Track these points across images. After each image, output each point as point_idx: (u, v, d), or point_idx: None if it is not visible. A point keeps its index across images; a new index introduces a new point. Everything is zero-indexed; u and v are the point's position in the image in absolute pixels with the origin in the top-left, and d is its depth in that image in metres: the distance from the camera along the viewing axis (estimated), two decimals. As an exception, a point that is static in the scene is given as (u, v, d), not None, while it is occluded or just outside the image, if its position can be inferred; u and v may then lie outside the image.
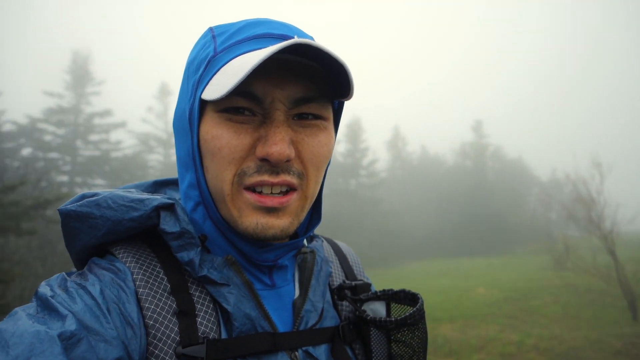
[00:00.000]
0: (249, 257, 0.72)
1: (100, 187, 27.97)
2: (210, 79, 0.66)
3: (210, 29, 0.73)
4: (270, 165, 0.65)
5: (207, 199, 0.70)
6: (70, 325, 0.53)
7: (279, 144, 0.63)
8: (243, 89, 0.63)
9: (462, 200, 39.89)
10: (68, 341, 0.52)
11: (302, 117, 0.69)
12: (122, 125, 28.95)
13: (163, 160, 32.53)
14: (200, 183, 0.70)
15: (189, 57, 0.74)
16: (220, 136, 0.65)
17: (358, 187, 34.34)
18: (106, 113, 28.12)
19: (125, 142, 29.91)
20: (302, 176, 0.69)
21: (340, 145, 35.32)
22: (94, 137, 28.07)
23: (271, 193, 0.66)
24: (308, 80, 0.67)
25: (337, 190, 32.89)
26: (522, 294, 12.14)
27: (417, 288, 0.89)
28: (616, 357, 6.71)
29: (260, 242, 0.70)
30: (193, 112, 0.68)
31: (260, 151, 0.64)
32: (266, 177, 0.65)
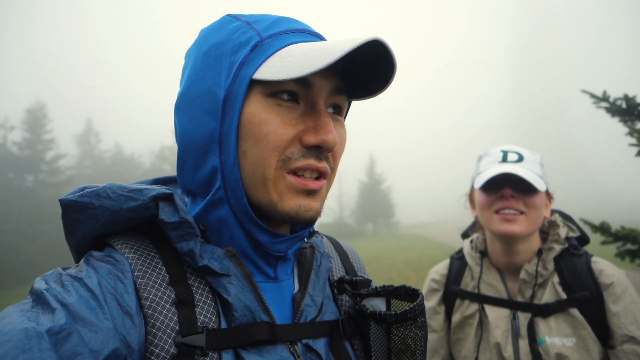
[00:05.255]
0: (263, 247, 0.71)
1: None
2: (264, 61, 0.66)
3: (234, 17, 0.73)
4: (317, 152, 0.68)
5: (232, 185, 0.68)
6: (60, 319, 0.52)
7: (331, 132, 0.66)
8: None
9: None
10: (57, 336, 0.51)
11: (333, 109, 0.72)
12: None
13: None
14: (225, 168, 0.68)
15: (207, 40, 0.72)
16: (268, 122, 0.65)
17: (37, 184, 29.17)
18: None
19: None
20: (332, 168, 0.72)
21: (15, 133, 29.26)
22: None
23: (311, 177, 0.69)
24: (340, 75, 0.71)
25: (8, 187, 26.99)
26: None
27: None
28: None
29: (275, 233, 0.72)
30: (233, 93, 0.66)
31: (314, 139, 0.66)
32: (312, 161, 0.67)
